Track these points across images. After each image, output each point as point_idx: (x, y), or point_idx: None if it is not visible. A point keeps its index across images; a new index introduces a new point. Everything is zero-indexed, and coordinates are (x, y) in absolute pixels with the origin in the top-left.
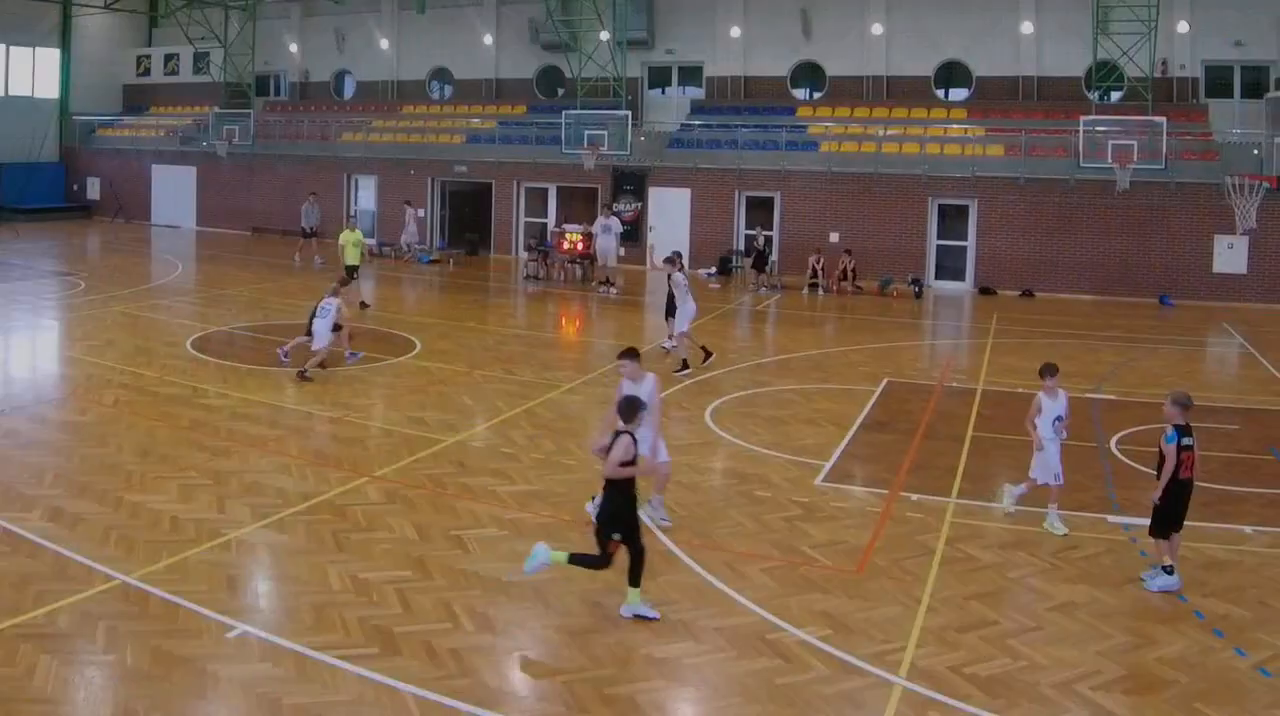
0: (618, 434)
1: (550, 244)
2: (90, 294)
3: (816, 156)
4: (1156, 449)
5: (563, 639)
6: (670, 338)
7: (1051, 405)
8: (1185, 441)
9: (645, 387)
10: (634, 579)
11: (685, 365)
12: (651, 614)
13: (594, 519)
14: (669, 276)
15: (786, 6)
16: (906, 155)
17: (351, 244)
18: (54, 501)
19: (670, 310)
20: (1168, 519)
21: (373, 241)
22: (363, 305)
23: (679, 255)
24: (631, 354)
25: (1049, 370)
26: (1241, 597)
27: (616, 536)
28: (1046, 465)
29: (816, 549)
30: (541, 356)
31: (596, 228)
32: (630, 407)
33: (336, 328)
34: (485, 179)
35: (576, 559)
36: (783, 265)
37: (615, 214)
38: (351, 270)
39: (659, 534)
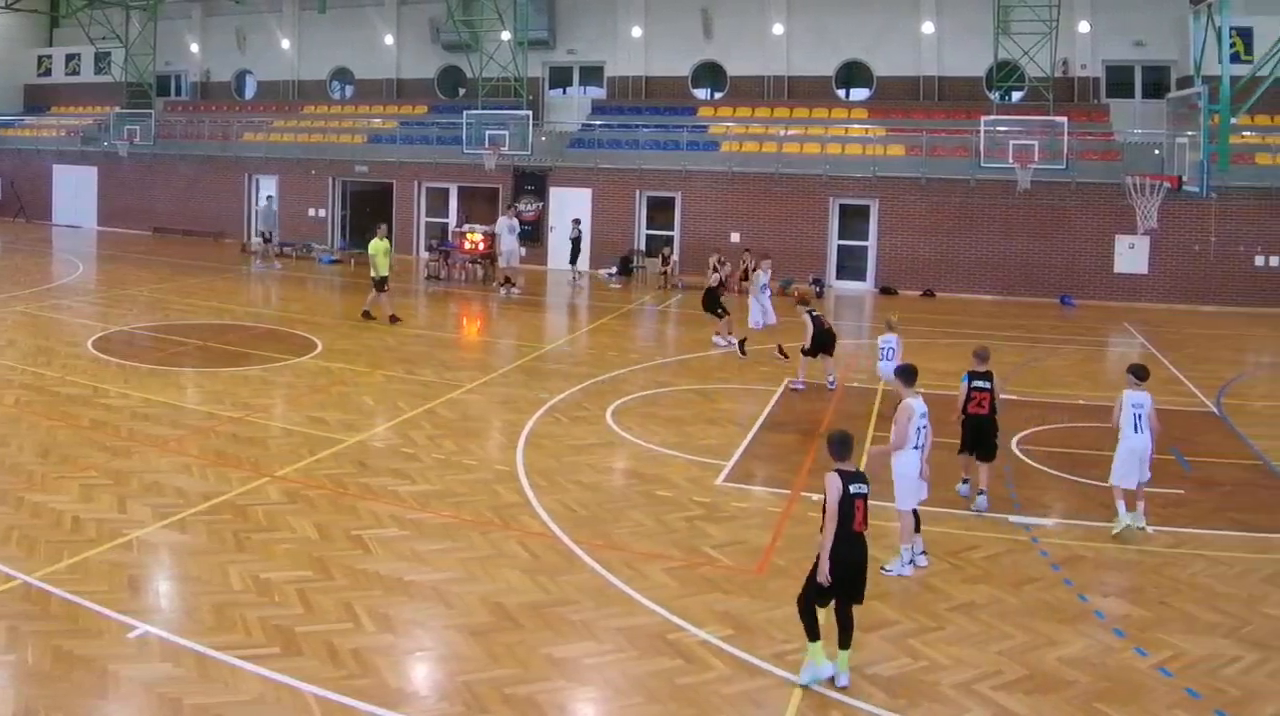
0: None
1: (451, 244)
2: None
3: (717, 156)
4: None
5: (463, 638)
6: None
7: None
8: (975, 383)
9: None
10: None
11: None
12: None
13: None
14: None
15: (687, 7)
16: (807, 155)
17: (382, 254)
18: None
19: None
20: (963, 442)
21: (278, 240)
22: (392, 319)
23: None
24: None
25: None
26: (1142, 597)
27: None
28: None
29: (717, 549)
30: (442, 356)
31: (501, 227)
32: (840, 443)
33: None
34: (386, 179)
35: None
36: (684, 265)
37: (518, 213)
38: (382, 282)
39: (558, 531)
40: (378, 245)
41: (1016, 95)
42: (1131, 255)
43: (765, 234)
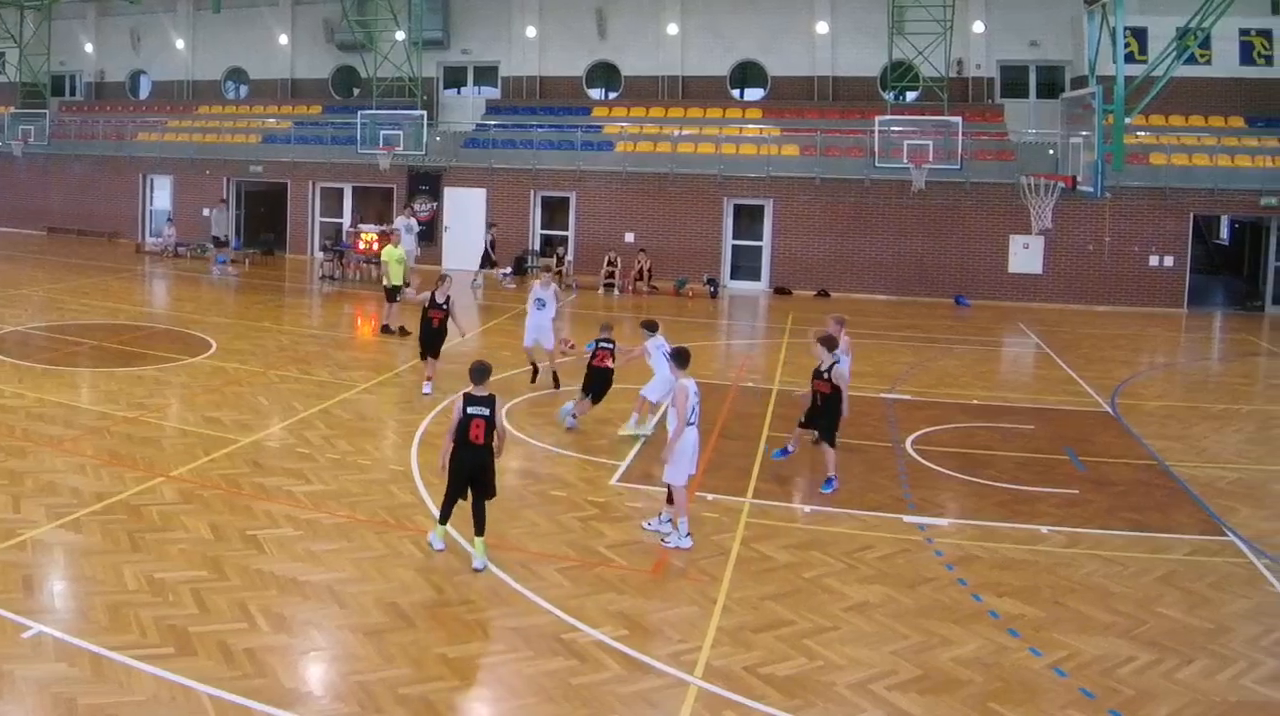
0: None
1: (346, 244)
2: None
3: (612, 156)
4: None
5: (358, 638)
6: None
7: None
8: (602, 344)
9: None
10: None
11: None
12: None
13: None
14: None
15: (582, 7)
16: (702, 155)
17: (395, 261)
18: None
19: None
20: (586, 386)
21: (173, 240)
22: (392, 330)
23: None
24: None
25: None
26: (1036, 597)
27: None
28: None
29: (612, 549)
30: (337, 357)
31: (399, 226)
32: (476, 371)
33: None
34: (281, 179)
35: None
36: (578, 265)
37: (414, 213)
38: (395, 291)
39: (453, 531)
40: (391, 252)
41: (911, 95)
42: (1026, 255)
43: (659, 234)
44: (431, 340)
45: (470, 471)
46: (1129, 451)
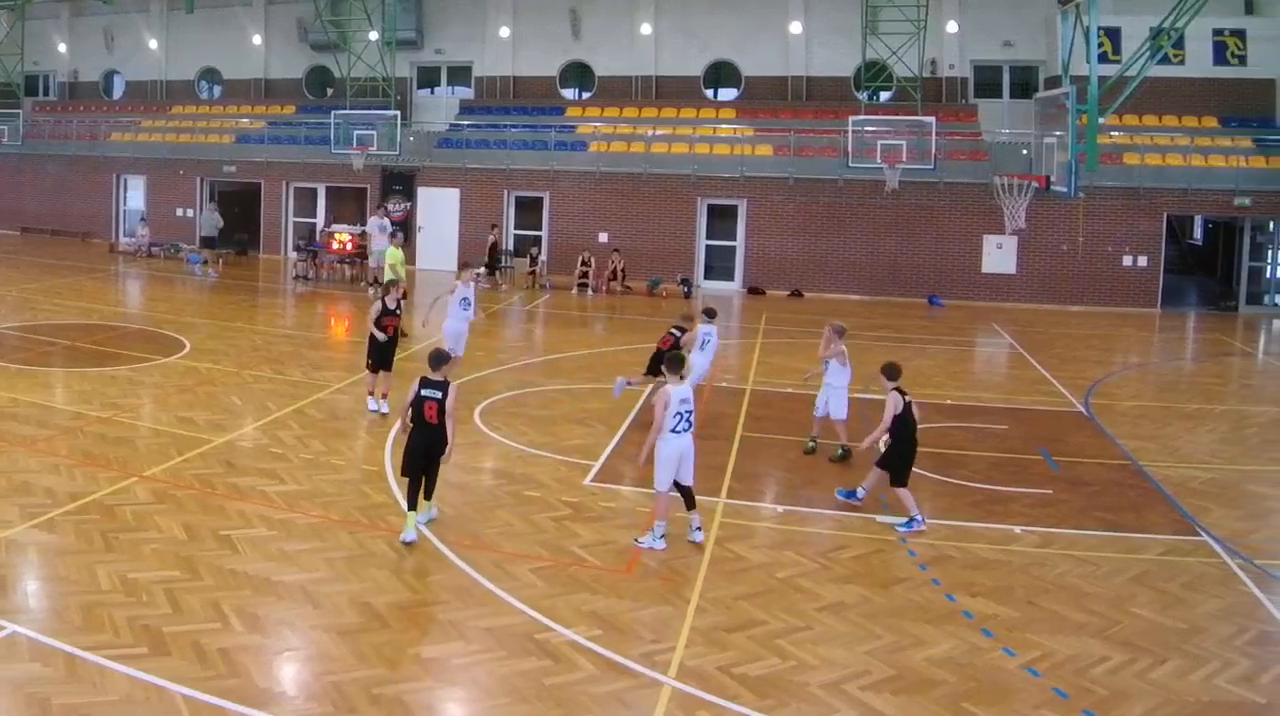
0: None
1: (319, 244)
2: None
3: (586, 156)
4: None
5: (331, 639)
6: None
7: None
8: (671, 330)
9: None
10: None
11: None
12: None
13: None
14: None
15: (556, 6)
16: (675, 155)
17: (399, 263)
18: None
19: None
20: (651, 368)
21: (146, 240)
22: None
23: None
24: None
25: (711, 313)
26: (1010, 597)
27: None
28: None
29: (585, 549)
30: (310, 357)
31: (373, 227)
32: (432, 358)
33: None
34: (254, 179)
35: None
36: (552, 265)
37: (387, 213)
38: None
39: (426, 531)
40: (394, 253)
41: (885, 95)
42: (999, 255)
43: (633, 234)
44: (383, 352)
45: (426, 449)
46: (1102, 451)
